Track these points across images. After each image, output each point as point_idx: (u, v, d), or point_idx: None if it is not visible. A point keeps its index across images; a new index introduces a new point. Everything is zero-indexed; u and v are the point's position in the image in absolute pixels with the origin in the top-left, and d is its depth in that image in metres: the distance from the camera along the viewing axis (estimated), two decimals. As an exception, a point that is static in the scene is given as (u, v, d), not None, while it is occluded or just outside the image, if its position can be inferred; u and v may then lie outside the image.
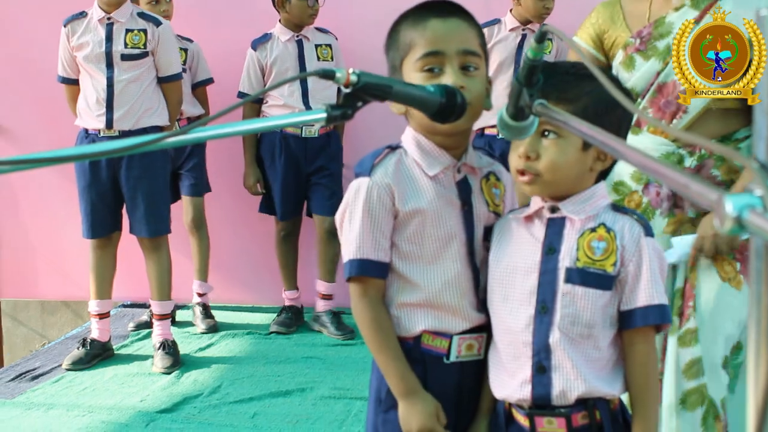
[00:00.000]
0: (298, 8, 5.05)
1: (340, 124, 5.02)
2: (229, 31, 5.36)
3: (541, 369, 1.79)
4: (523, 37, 4.86)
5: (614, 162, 1.86)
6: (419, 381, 1.86)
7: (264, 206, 5.29)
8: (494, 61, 4.73)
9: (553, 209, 1.83)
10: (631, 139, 2.51)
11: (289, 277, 5.35)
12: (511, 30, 4.87)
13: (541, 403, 1.80)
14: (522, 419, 1.83)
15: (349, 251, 1.86)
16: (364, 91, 1.47)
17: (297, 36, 5.13)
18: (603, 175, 1.87)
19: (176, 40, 4.99)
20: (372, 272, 1.85)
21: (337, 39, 5.23)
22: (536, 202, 1.86)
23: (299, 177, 5.15)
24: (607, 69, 2.62)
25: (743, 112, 2.29)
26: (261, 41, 5.14)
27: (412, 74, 1.83)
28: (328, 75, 1.41)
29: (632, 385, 1.81)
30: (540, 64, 1.60)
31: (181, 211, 5.28)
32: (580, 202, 1.82)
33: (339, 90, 5.12)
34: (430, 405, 1.83)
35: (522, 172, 1.81)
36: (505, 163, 1.96)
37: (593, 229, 1.80)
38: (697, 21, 2.25)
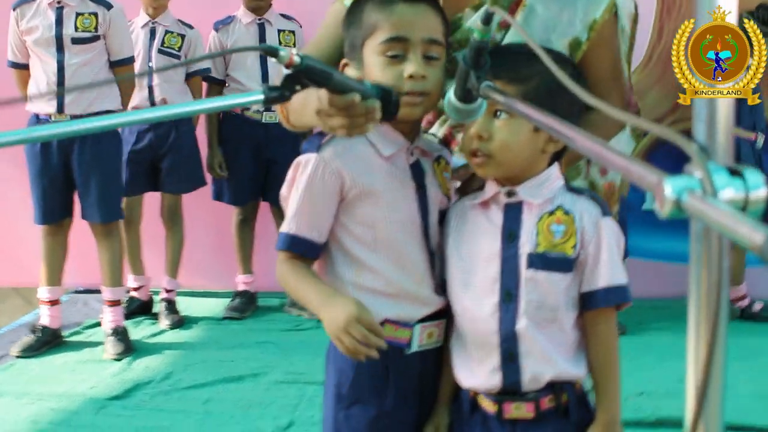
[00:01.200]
0: None
1: None
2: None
3: (511, 357, 1.78)
4: None
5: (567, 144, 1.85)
6: (380, 373, 1.84)
7: (217, 193, 5.27)
8: None
9: (510, 194, 1.82)
10: None
11: (245, 262, 5.34)
12: None
13: (512, 390, 1.80)
14: (490, 405, 1.83)
15: (284, 224, 1.83)
16: (305, 75, 1.45)
17: (259, 20, 5.14)
18: (557, 156, 1.86)
19: (176, 23, 5.03)
20: (301, 250, 1.82)
21: (301, 27, 5.21)
22: (492, 187, 1.84)
23: (259, 162, 5.14)
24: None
25: None
26: (224, 23, 5.15)
27: (373, 57, 1.78)
28: (271, 52, 1.39)
29: (595, 365, 1.81)
30: (487, 46, 1.60)
31: (154, 200, 5.24)
32: (536, 185, 1.81)
33: None
34: (351, 300, 1.73)
35: (474, 153, 1.80)
36: None
37: (551, 212, 1.79)
38: (505, 26, 2.04)
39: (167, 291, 5.23)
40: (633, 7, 2.12)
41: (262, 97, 1.37)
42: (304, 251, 1.82)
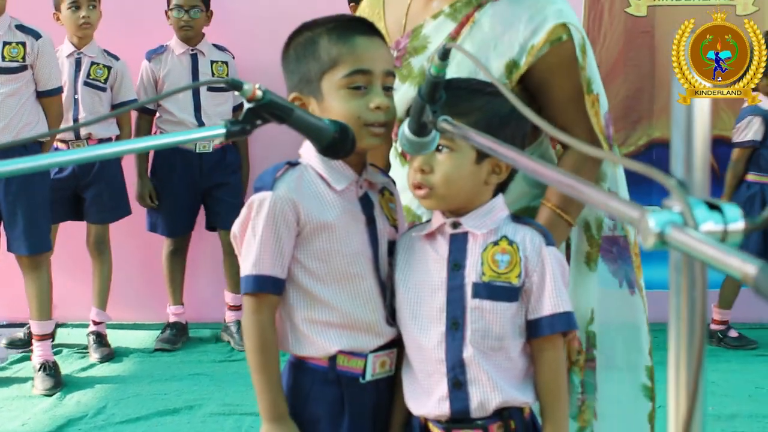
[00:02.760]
0: (172, 20, 5.06)
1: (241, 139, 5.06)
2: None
3: (457, 384, 1.80)
4: None
5: (511, 175, 1.89)
6: (336, 402, 1.86)
7: (152, 224, 5.23)
8: None
9: (455, 225, 1.85)
10: (399, 170, 2.23)
11: (176, 293, 5.28)
12: None
13: (460, 417, 1.82)
14: None
15: (246, 266, 1.82)
16: (266, 109, 1.47)
17: (192, 50, 5.11)
18: (501, 188, 1.90)
19: (102, 54, 4.98)
20: (268, 288, 1.82)
21: (234, 58, 5.21)
22: (437, 219, 1.87)
23: (193, 193, 5.13)
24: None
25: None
26: (156, 52, 5.12)
27: (335, 91, 1.81)
28: (235, 85, 1.41)
29: (542, 391, 1.84)
30: (443, 81, 1.63)
31: (83, 230, 5.15)
32: (480, 216, 1.84)
33: (234, 108, 5.09)
34: None
35: (418, 186, 1.83)
36: None
37: (496, 243, 1.83)
38: (454, 37, 2.12)
39: (96, 323, 5.13)
40: (581, 38, 2.14)
41: (224, 131, 1.38)
42: (270, 289, 1.82)
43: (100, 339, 5.09)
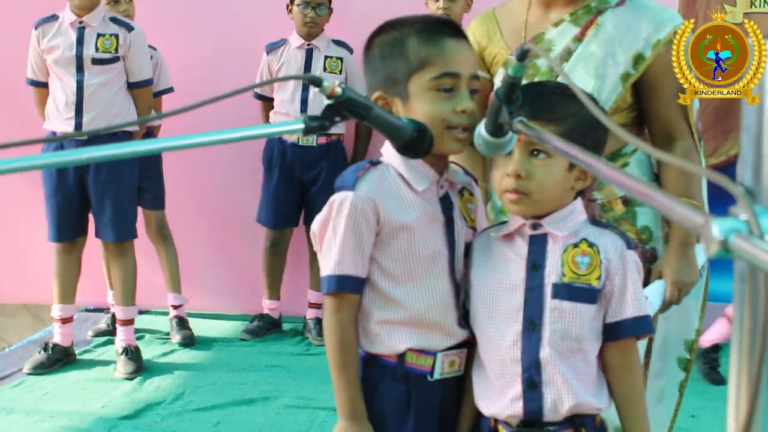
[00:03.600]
0: (297, 16, 5.05)
1: (363, 135, 5.11)
2: (190, 40, 5.34)
3: (532, 385, 1.80)
4: None
5: (594, 180, 1.89)
6: (402, 399, 1.87)
7: (259, 215, 5.26)
8: None
9: (535, 226, 1.84)
10: None
11: (272, 287, 5.29)
12: None
13: (532, 419, 1.81)
14: None
15: (328, 266, 1.83)
16: (345, 106, 1.48)
17: (308, 45, 5.09)
18: (580, 191, 1.89)
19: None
20: (350, 288, 1.84)
21: (352, 53, 5.12)
22: (516, 220, 1.87)
23: (293, 186, 5.12)
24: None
25: (631, 126, 2.37)
26: (275, 46, 5.14)
27: (422, 92, 1.82)
28: (315, 82, 1.43)
29: (620, 395, 1.84)
30: (520, 82, 1.63)
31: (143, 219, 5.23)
32: (561, 218, 1.84)
33: None
34: None
35: (510, 191, 1.82)
36: None
37: (575, 245, 1.82)
38: (579, 39, 2.31)
39: (175, 307, 5.23)
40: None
41: (302, 126, 1.40)
42: (352, 288, 1.84)
43: (182, 323, 5.20)
